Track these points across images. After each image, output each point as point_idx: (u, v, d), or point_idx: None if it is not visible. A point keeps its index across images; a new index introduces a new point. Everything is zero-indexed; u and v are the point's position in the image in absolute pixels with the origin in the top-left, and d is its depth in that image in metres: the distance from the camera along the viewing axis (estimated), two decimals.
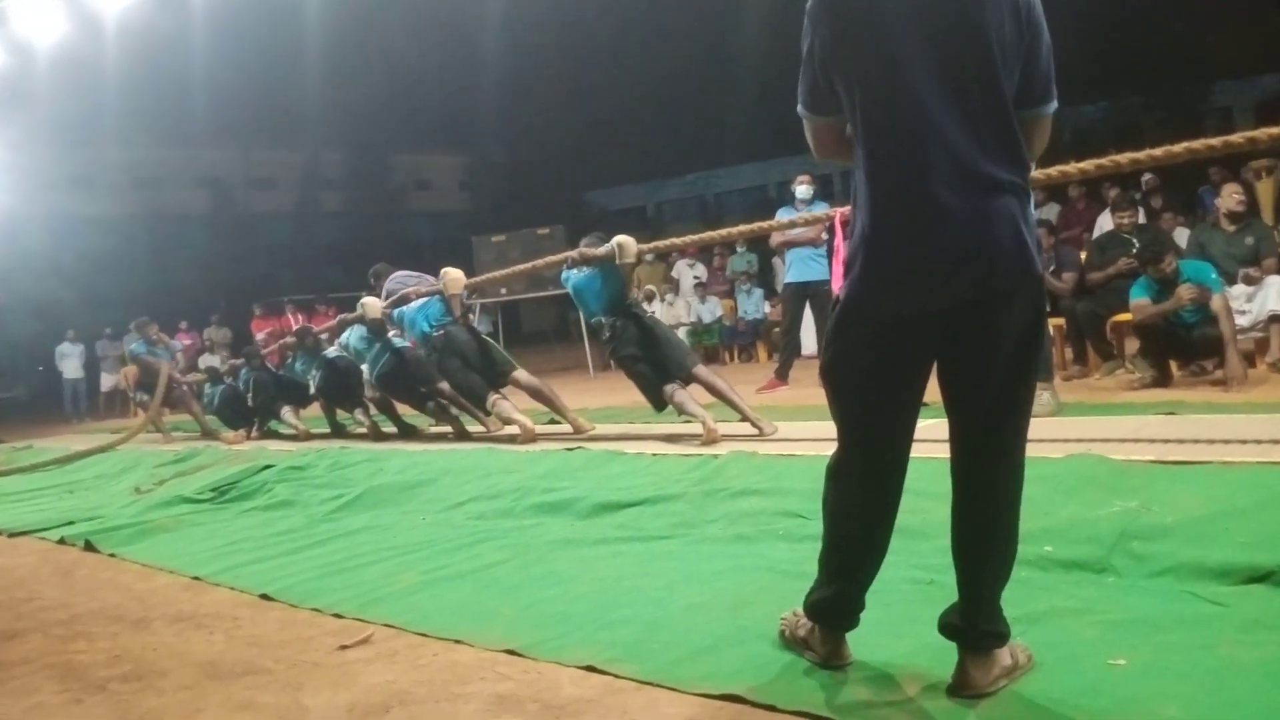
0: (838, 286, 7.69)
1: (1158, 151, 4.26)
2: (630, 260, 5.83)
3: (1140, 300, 6.21)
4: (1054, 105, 2.10)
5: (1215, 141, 3.99)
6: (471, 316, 7.40)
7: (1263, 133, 3.88)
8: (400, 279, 7.66)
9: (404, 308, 7.22)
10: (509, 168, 37.98)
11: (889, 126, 2.04)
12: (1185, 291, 5.98)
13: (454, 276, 6.95)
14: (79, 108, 22.85)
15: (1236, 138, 3.94)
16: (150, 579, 4.20)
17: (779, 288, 11.17)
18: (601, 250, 5.93)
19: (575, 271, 6.15)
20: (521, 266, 8.26)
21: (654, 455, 5.06)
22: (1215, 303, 5.93)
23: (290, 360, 8.94)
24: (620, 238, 5.86)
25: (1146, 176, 10.70)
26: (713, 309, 13.71)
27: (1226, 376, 5.85)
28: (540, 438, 6.33)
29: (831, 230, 5.91)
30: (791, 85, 2.25)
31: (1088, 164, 4.44)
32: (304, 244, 35.27)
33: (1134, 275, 6.50)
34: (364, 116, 33.39)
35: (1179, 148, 4.18)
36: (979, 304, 2.01)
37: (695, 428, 5.60)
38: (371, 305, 7.46)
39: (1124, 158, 4.36)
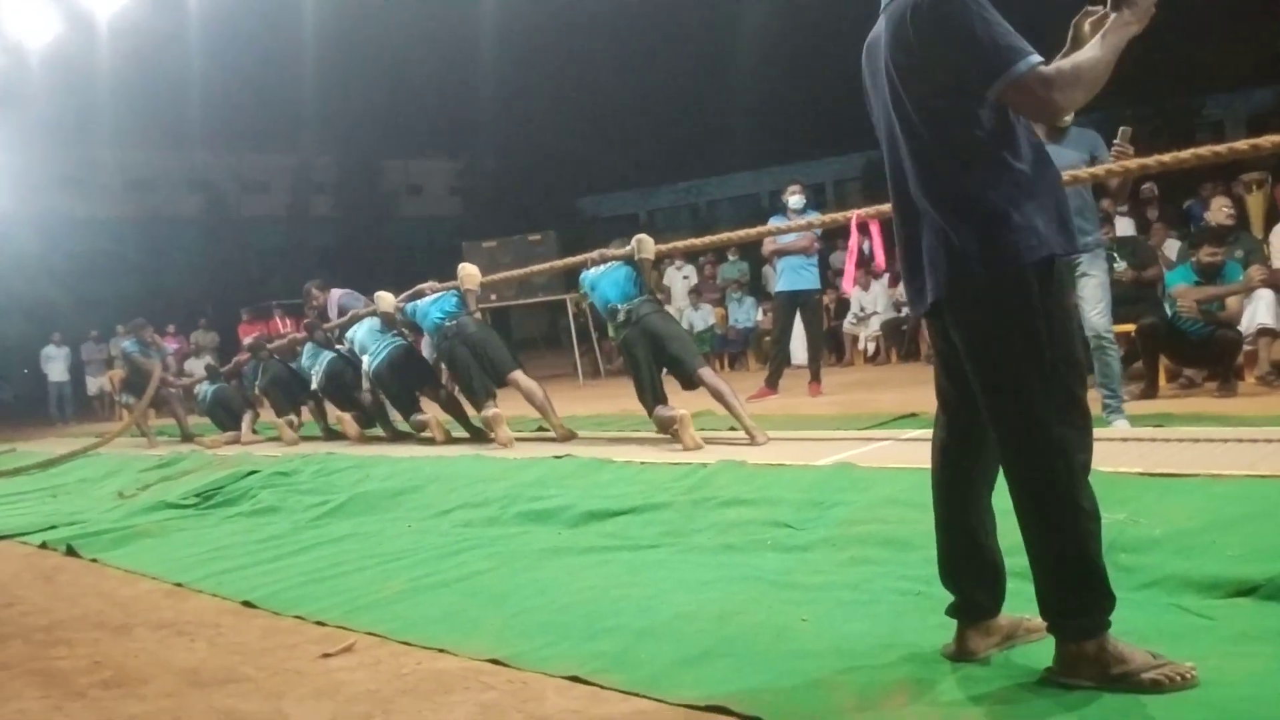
0: (849, 286, 7.75)
1: (1149, 160, 4.30)
2: (648, 256, 6.11)
3: (1183, 285, 6.18)
4: (1010, 73, 2.08)
5: (1221, 149, 4.01)
6: (478, 316, 7.42)
7: (1267, 140, 3.89)
8: (350, 296, 8.30)
9: (417, 302, 7.31)
10: (501, 174, 37.93)
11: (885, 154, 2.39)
12: (1256, 272, 5.93)
13: (470, 272, 7.13)
14: (72, 109, 22.81)
15: (1241, 144, 3.95)
16: (133, 585, 4.16)
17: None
18: (622, 250, 6.23)
19: (593, 270, 6.30)
20: (539, 267, 8.34)
21: (642, 464, 5.05)
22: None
23: (298, 354, 8.88)
24: (640, 235, 6.23)
25: (1145, 185, 10.75)
26: (705, 317, 13.71)
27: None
28: (526, 442, 6.32)
29: (823, 238, 5.97)
30: (787, 94, 2.28)
31: (1069, 175, 4.44)
32: (295, 248, 35.15)
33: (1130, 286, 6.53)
34: (356, 121, 33.35)
35: (1168, 157, 4.21)
36: (935, 311, 2.28)
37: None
38: (384, 299, 7.56)
39: (1120, 165, 4.37)
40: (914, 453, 4.45)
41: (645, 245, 6.11)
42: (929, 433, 2.22)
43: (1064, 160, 4.58)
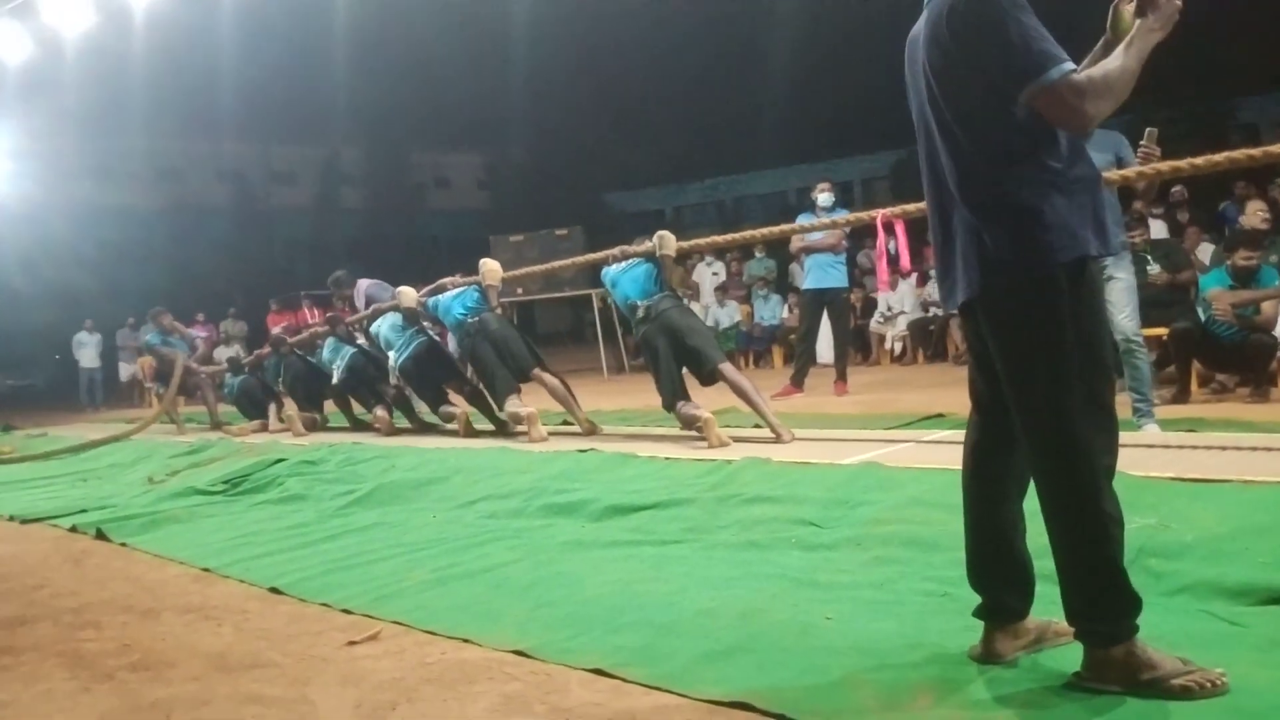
0: (884, 287, 7.70)
1: (1181, 163, 4.25)
2: (670, 252, 6.08)
3: (1217, 289, 6.13)
4: (1042, 79, 2.07)
5: (1255, 151, 3.97)
6: (499, 311, 7.44)
7: None
8: (377, 286, 8.30)
9: (439, 296, 7.34)
10: (529, 168, 38.02)
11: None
12: None
13: (492, 268, 7.12)
14: (104, 98, 22.99)
15: (1276, 148, 3.90)
16: (161, 569, 4.21)
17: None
18: (643, 247, 6.21)
19: (614, 266, 6.31)
20: (561, 263, 8.36)
21: (667, 459, 5.05)
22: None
23: (319, 348, 8.95)
24: (662, 232, 6.23)
25: (1175, 189, 10.64)
26: (730, 313, 13.69)
27: None
28: (551, 437, 6.33)
29: (850, 236, 5.94)
30: (816, 91, 2.28)
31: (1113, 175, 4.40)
32: (322, 239, 35.38)
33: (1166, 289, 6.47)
34: (385, 113, 33.52)
35: (1200, 160, 4.16)
36: (968, 310, 2.29)
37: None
38: (406, 294, 7.60)
39: (1152, 168, 4.32)
40: (940, 454, 4.43)
41: (667, 242, 6.09)
42: (955, 434, 2.22)
43: None
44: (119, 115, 26.49)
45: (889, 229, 5.45)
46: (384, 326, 7.85)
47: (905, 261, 6.12)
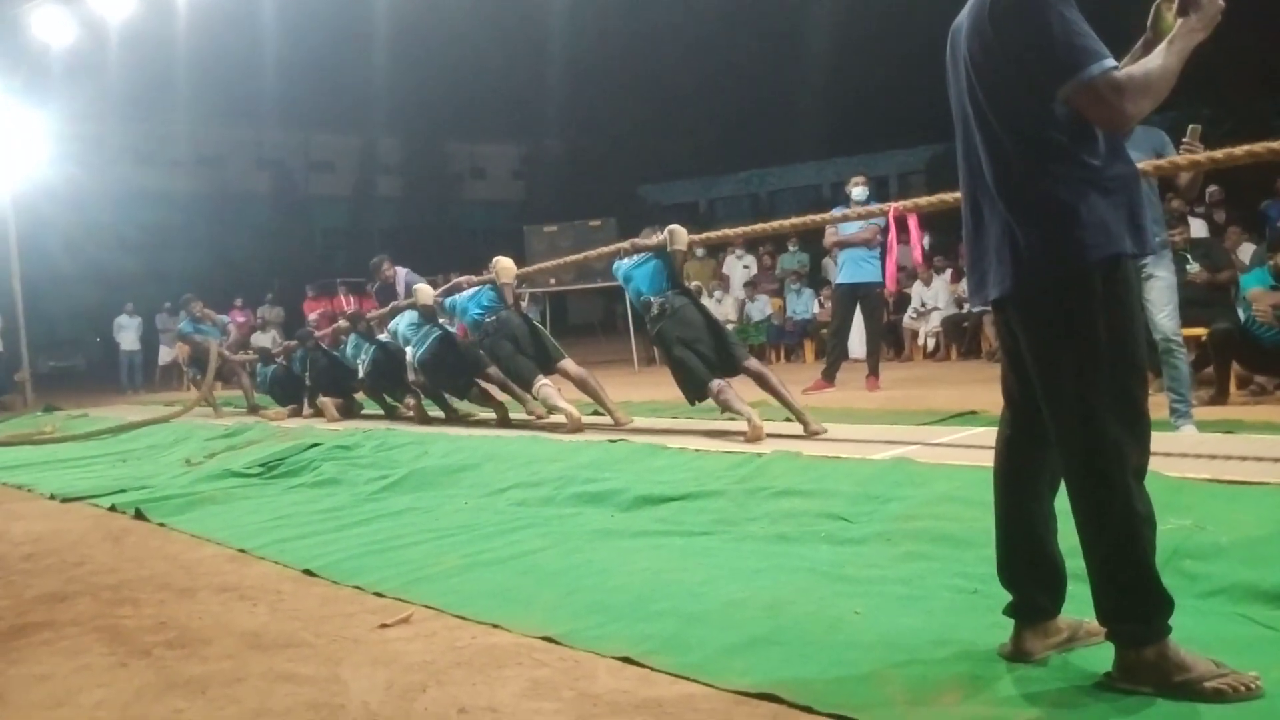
0: (892, 284, 7.64)
1: (1218, 154, 4.17)
2: (680, 248, 5.99)
3: (1258, 289, 6.04)
4: (1082, 75, 2.05)
5: None
6: (522, 304, 7.46)
7: None
8: (413, 276, 8.59)
9: (456, 296, 7.37)
10: (564, 159, 38.12)
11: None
12: None
13: (505, 265, 7.07)
14: (146, 83, 23.30)
15: None
16: (198, 549, 4.28)
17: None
18: (653, 239, 6.12)
19: (627, 261, 6.26)
20: (573, 257, 8.29)
21: (696, 451, 5.05)
22: None
23: (342, 344, 9.06)
24: (672, 226, 6.10)
25: (1211, 189, 10.46)
26: (762, 307, 13.65)
27: None
28: (583, 428, 6.36)
29: (886, 230, 5.83)
30: (853, 84, 2.27)
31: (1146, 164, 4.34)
32: (359, 227, 35.74)
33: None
34: (423, 103, 33.69)
35: (1240, 150, 4.08)
36: (999, 305, 2.29)
37: (739, 424, 5.57)
38: (424, 292, 7.65)
39: (1194, 158, 4.26)
40: (972, 451, 4.40)
41: (678, 237, 5.97)
42: (988, 431, 2.21)
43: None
44: (161, 100, 26.86)
45: (901, 224, 5.32)
46: (402, 324, 7.94)
47: (917, 255, 6.02)
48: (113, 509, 5.28)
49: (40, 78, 14.51)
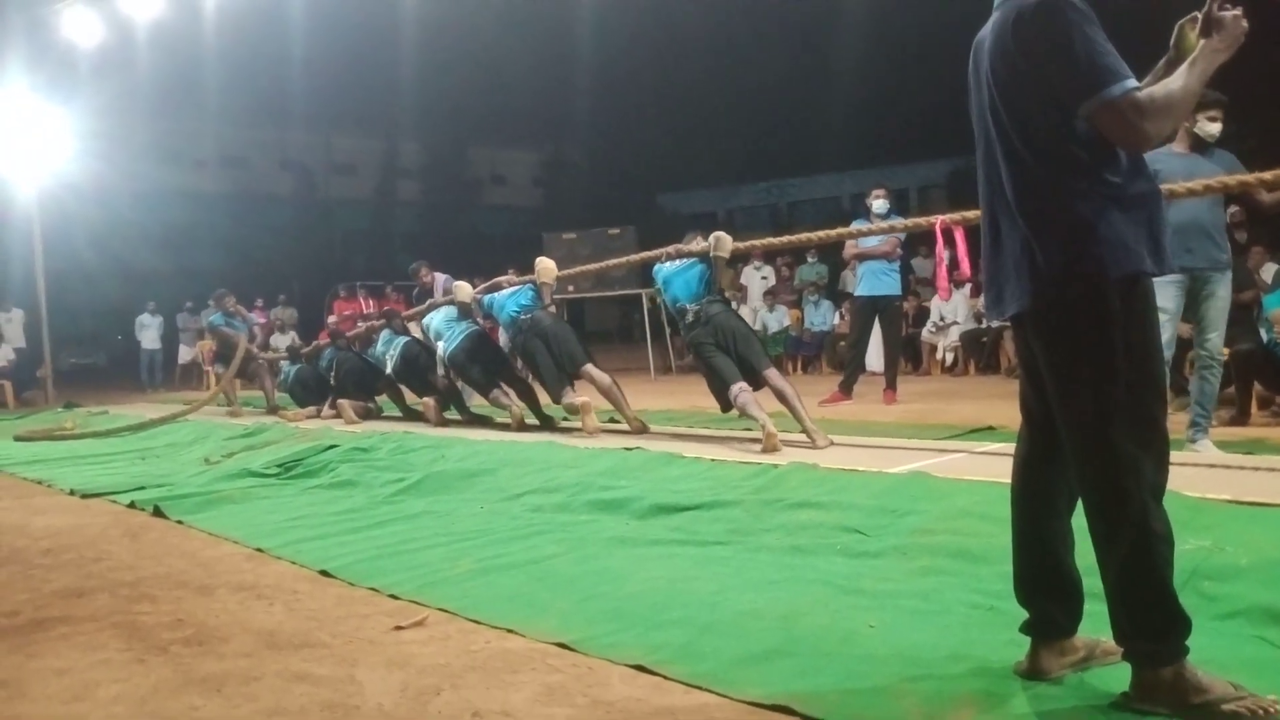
0: (945, 295, 7.59)
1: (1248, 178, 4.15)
2: (724, 254, 6.04)
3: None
4: (1104, 94, 2.05)
5: None
6: (552, 309, 7.52)
7: None
8: (449, 280, 8.64)
9: (494, 294, 7.47)
10: (584, 166, 38.24)
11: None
12: None
13: (546, 266, 7.21)
14: (172, 84, 23.51)
15: None
16: (215, 547, 4.31)
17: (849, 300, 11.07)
18: (697, 246, 6.17)
19: (668, 265, 6.31)
20: (614, 261, 8.37)
21: (712, 460, 5.05)
22: None
23: (374, 342, 9.08)
24: (718, 232, 6.17)
25: (1232, 209, 10.37)
26: (780, 318, 13.63)
27: None
28: (600, 434, 6.37)
29: (905, 244, 5.85)
30: (875, 97, 2.28)
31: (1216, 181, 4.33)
32: (380, 231, 35.93)
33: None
34: (445, 109, 33.89)
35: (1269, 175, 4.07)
36: (1018, 320, 2.29)
37: (755, 433, 5.58)
38: (463, 289, 7.76)
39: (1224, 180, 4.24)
40: (990, 466, 4.38)
41: (723, 243, 6.05)
42: (1005, 446, 2.20)
43: (1202, 172, 4.49)
44: (187, 101, 27.10)
45: (948, 236, 5.37)
46: (436, 319, 7.99)
47: (965, 269, 6.02)
48: (132, 506, 5.31)
49: (67, 76, 14.66)
